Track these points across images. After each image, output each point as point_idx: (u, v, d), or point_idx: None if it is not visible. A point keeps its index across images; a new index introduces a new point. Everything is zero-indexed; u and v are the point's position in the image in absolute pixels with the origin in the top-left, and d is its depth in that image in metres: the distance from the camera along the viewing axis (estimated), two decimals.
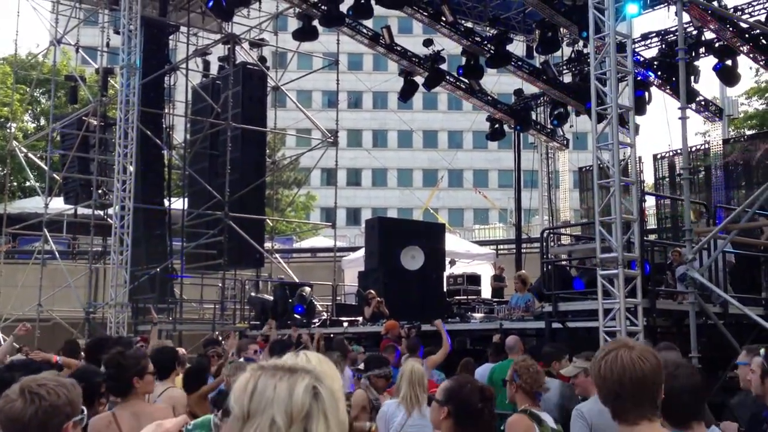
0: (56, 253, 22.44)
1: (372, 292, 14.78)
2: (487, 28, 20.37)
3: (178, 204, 22.40)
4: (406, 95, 21.29)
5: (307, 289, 17.25)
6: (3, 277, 22.53)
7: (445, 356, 9.17)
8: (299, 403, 1.57)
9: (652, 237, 17.29)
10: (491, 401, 3.62)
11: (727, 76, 17.18)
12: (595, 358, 2.31)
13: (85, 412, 2.57)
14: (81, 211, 23.53)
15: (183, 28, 22.53)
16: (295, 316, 16.31)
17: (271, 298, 18.29)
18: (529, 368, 4.89)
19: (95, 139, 21.48)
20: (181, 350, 10.06)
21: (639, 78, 17.35)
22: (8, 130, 35.62)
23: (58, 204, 23.89)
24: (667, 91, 18.62)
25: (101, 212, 22.02)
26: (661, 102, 18.97)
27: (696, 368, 3.15)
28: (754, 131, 29.24)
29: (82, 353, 7.45)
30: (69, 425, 2.45)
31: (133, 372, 4.48)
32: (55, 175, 23.60)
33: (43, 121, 39.86)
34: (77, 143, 21.62)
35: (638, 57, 17.69)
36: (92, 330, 18.45)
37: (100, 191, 21.27)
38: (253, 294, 19.67)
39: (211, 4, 18.47)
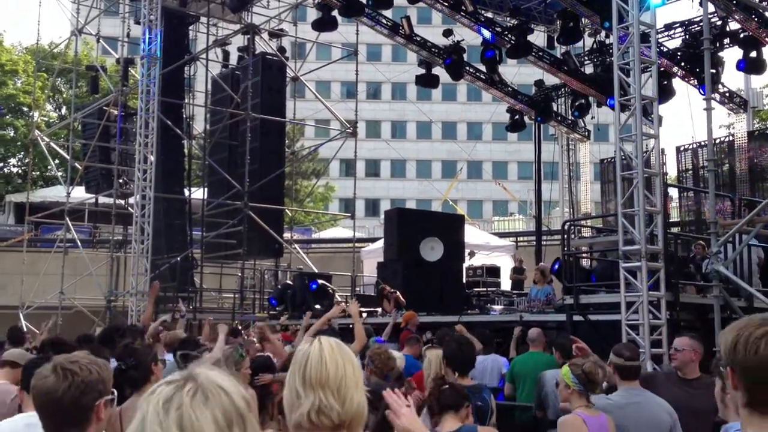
0: (78, 241, 22.63)
1: (385, 286, 14.73)
2: (508, 19, 20.21)
3: (198, 194, 22.49)
4: (423, 82, 21.05)
5: (321, 281, 17.24)
6: (25, 265, 22.77)
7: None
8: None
9: (675, 230, 17.12)
10: None
11: (753, 66, 16.93)
12: (742, 336, 1.95)
13: (116, 393, 2.57)
14: (102, 200, 23.70)
15: (203, 19, 22.57)
16: (317, 307, 16.29)
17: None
18: (381, 355, 5.52)
19: (116, 128, 21.61)
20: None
21: (661, 69, 17.13)
22: (31, 119, 35.91)
23: (79, 193, 24.07)
24: (691, 82, 18.40)
25: (122, 201, 22.16)
26: (685, 94, 18.75)
27: None
28: None
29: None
30: (102, 402, 2.45)
31: (151, 359, 4.46)
32: (76, 164, 23.78)
33: (65, 111, 40.17)
34: (98, 133, 21.76)
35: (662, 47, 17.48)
36: (113, 318, 18.60)
37: (121, 180, 21.42)
38: (277, 286, 19.58)
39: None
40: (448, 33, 19.76)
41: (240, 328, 12.87)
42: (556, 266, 12.25)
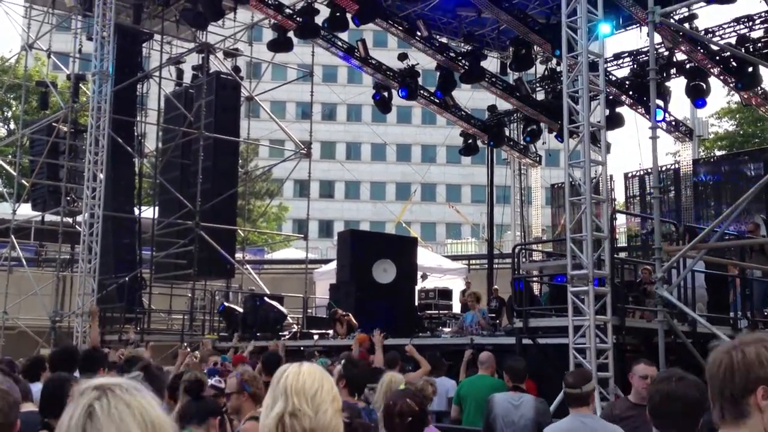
0: (23, 260, 22.07)
1: (338, 309, 14.71)
2: (462, 44, 20.51)
3: (148, 213, 22.18)
4: (381, 105, 21.24)
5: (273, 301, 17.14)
6: None
7: (425, 374, 9.10)
8: (72, 428, 1.60)
9: (622, 255, 17.44)
10: None
11: (700, 95, 17.43)
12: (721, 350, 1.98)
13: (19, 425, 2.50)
14: (49, 218, 23.20)
15: (157, 36, 22.39)
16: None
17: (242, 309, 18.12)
18: (256, 378, 5.38)
19: (65, 145, 21.23)
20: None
21: (610, 97, 17.54)
22: None
23: (25, 210, 23.54)
24: (639, 110, 18.86)
25: (70, 219, 21.73)
26: (633, 121, 19.20)
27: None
28: (723, 152, 29.70)
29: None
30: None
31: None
32: (23, 181, 23.26)
33: (13, 126, 39.31)
34: (47, 149, 21.34)
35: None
36: (58, 339, 18.14)
37: (69, 198, 21.01)
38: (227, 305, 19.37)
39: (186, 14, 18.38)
40: (403, 57, 19.97)
41: (189, 349, 12.68)
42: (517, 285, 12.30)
